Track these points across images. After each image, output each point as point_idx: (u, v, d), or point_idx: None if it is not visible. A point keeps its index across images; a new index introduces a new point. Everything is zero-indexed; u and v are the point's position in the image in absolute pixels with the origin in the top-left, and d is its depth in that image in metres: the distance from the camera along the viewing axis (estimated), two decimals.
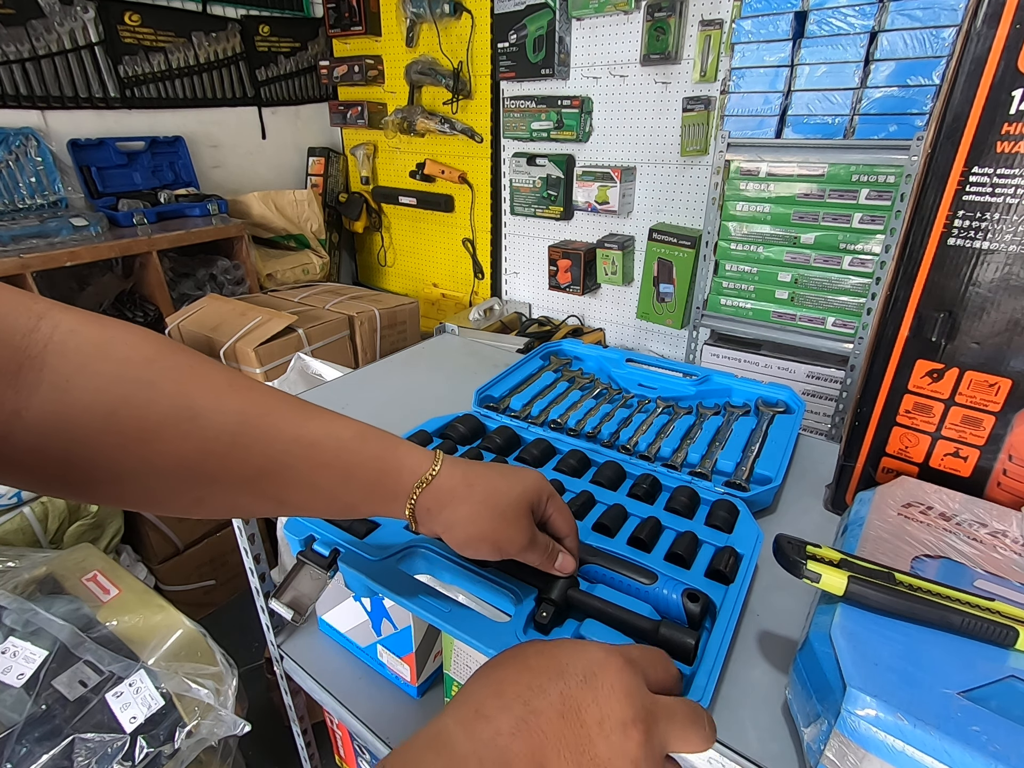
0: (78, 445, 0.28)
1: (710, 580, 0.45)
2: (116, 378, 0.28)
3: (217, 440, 0.30)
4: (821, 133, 1.25)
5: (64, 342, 0.27)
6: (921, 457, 0.51)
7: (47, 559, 1.06)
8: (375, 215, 2.58)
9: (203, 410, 0.30)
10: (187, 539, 1.66)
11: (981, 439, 0.48)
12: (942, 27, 1.08)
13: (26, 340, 0.27)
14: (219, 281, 1.99)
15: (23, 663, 0.83)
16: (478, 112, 2.10)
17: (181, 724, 0.83)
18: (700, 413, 0.71)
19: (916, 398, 0.49)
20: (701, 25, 1.55)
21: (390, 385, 0.85)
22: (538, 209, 2.02)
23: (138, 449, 0.29)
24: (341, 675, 0.80)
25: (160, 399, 0.29)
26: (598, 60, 1.79)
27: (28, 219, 1.65)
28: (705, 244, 1.49)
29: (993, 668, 0.32)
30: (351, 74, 2.32)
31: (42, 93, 1.77)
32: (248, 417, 0.31)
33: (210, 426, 0.30)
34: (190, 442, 0.30)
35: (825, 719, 0.32)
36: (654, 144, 1.78)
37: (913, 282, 0.46)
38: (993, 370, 0.45)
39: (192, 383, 0.30)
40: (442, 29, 2.05)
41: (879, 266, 1.28)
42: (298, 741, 1.04)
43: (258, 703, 1.37)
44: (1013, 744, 0.28)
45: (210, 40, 2.11)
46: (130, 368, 0.29)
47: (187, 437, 0.30)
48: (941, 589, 0.35)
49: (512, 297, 2.34)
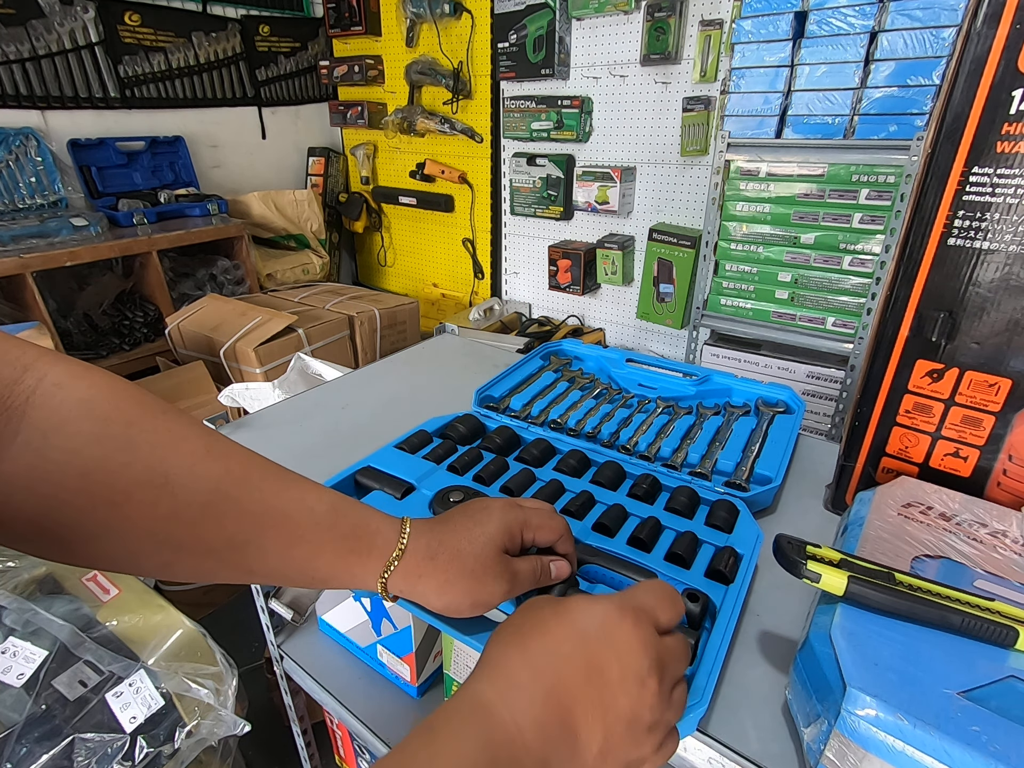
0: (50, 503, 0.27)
1: (710, 580, 0.45)
2: (94, 439, 0.28)
3: (188, 507, 0.30)
4: (821, 133, 1.25)
5: (48, 396, 0.27)
6: (921, 457, 0.51)
7: None
8: (375, 215, 2.58)
9: (176, 477, 0.30)
10: None
11: (981, 439, 0.48)
12: (942, 27, 1.08)
13: (8, 391, 0.26)
14: (219, 281, 1.99)
15: (23, 663, 0.83)
16: (478, 112, 2.10)
17: (181, 724, 0.83)
18: (700, 413, 0.71)
19: (916, 398, 0.49)
20: (701, 25, 1.55)
21: (390, 385, 0.85)
22: (538, 209, 2.02)
23: (107, 512, 0.28)
24: (341, 675, 0.80)
25: (135, 463, 0.29)
26: (598, 60, 1.79)
27: (28, 219, 1.65)
28: (705, 244, 1.49)
29: (993, 668, 0.32)
30: (351, 74, 2.32)
31: (42, 93, 1.78)
32: (221, 485, 0.31)
33: (182, 494, 0.30)
34: (159, 509, 0.29)
35: (825, 719, 0.32)
36: (654, 144, 1.78)
37: (913, 282, 0.46)
38: (993, 370, 0.45)
39: (169, 448, 0.30)
40: (442, 29, 2.05)
41: (879, 266, 1.28)
42: (298, 741, 1.04)
43: (258, 703, 1.37)
44: (1013, 744, 0.28)
45: (210, 40, 2.11)
46: (110, 428, 0.28)
47: (156, 504, 0.29)
48: (941, 589, 0.35)
49: (512, 297, 2.34)
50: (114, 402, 0.29)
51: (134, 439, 0.29)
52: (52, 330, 1.50)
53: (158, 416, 0.31)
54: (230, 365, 1.61)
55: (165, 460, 0.30)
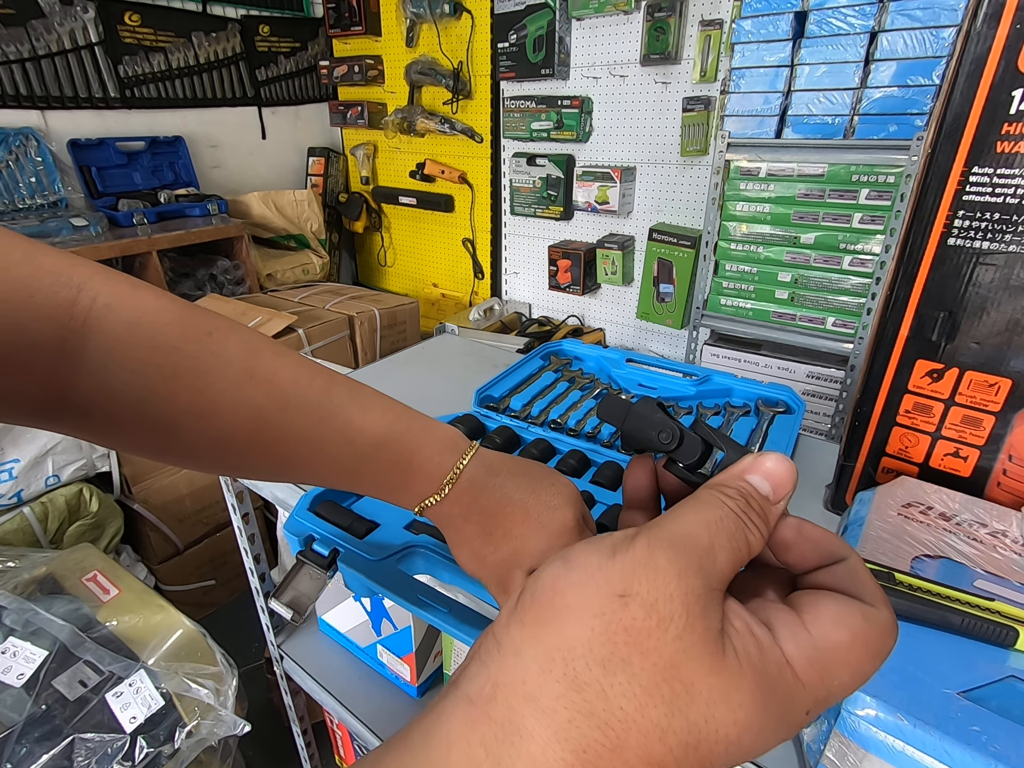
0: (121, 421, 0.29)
1: None
2: (141, 366, 0.28)
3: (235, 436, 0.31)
4: (821, 133, 1.25)
5: (100, 319, 0.28)
6: (921, 457, 0.51)
7: (47, 559, 1.06)
8: (375, 215, 2.58)
9: (222, 404, 0.30)
10: (187, 539, 1.66)
11: (981, 439, 0.48)
12: (942, 27, 1.08)
13: (68, 314, 0.27)
14: (219, 281, 1.99)
15: (23, 663, 0.83)
16: (478, 112, 2.10)
17: (181, 724, 0.83)
18: (700, 413, 0.71)
19: (916, 398, 0.49)
20: (701, 25, 1.55)
21: (390, 385, 0.85)
22: (538, 209, 2.02)
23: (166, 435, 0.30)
24: (341, 675, 0.80)
25: (180, 393, 0.29)
26: (598, 60, 1.79)
27: (28, 219, 1.65)
28: (705, 244, 1.49)
29: (993, 668, 0.32)
30: (351, 74, 2.32)
31: (42, 93, 1.77)
32: (264, 412, 0.31)
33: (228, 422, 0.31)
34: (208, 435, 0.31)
35: (825, 719, 0.32)
36: (654, 144, 1.78)
37: (913, 282, 0.46)
38: (993, 370, 0.45)
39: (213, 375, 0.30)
40: (442, 29, 2.05)
41: (879, 266, 1.28)
42: (298, 741, 1.04)
43: (258, 703, 1.37)
44: (1013, 744, 0.28)
45: (210, 40, 2.11)
46: (154, 356, 0.29)
47: (205, 431, 0.30)
48: (941, 589, 0.35)
49: (512, 297, 2.34)
50: (159, 327, 0.29)
51: (177, 368, 0.29)
52: None
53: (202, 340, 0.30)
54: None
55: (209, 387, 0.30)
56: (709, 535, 0.19)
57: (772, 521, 0.21)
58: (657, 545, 0.18)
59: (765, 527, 0.21)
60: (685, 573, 0.18)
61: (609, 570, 0.18)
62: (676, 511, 0.20)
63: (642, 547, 0.18)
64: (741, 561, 0.20)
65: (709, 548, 0.19)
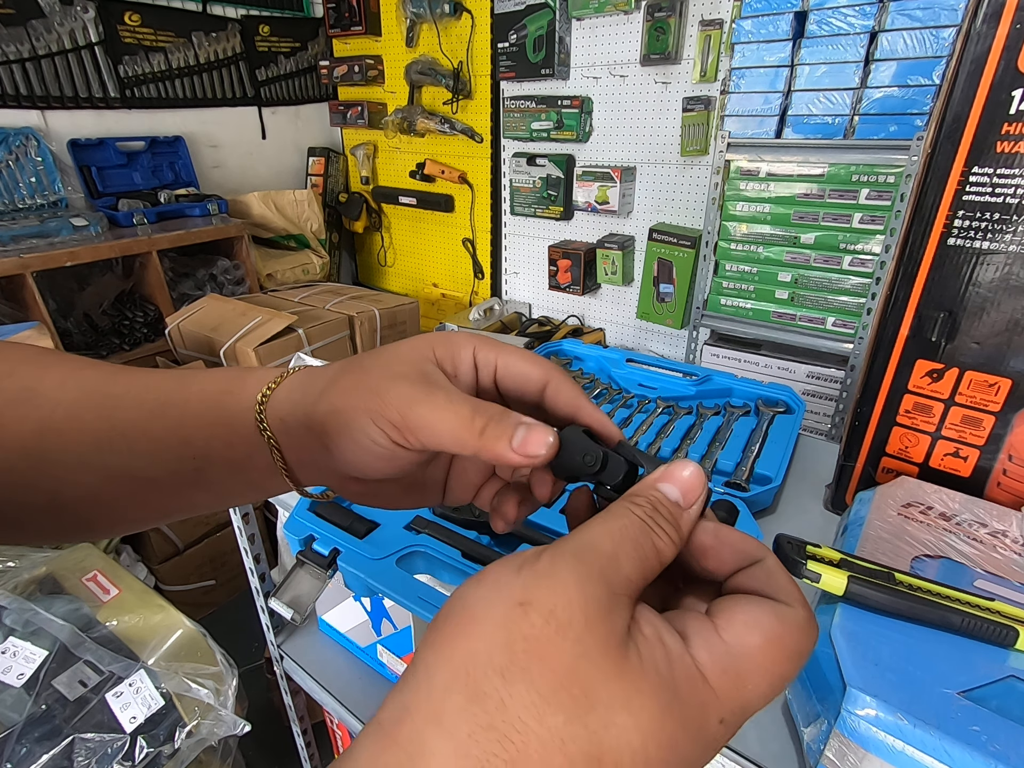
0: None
1: None
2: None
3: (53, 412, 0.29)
4: (821, 133, 1.25)
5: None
6: (921, 457, 0.51)
7: (47, 559, 1.06)
8: (375, 215, 2.58)
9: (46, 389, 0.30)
10: (187, 539, 1.66)
11: (981, 439, 0.48)
12: (942, 27, 1.08)
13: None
14: (219, 281, 1.99)
15: (23, 663, 0.83)
16: (478, 112, 2.10)
17: (181, 724, 0.83)
18: (700, 413, 0.71)
19: (916, 398, 0.49)
20: (701, 25, 1.55)
21: None
22: (538, 209, 2.02)
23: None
24: (341, 675, 0.80)
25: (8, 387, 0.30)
26: (598, 60, 1.79)
27: (28, 219, 1.65)
28: (705, 244, 1.49)
29: (993, 668, 0.32)
30: (351, 74, 2.32)
31: (42, 93, 1.77)
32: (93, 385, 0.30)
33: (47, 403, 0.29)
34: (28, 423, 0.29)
35: (825, 719, 0.32)
36: (654, 144, 1.78)
37: (913, 282, 0.46)
38: (993, 370, 0.45)
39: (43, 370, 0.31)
40: (442, 29, 2.05)
41: (879, 266, 1.28)
42: (298, 741, 1.04)
43: (258, 703, 1.37)
44: (1013, 744, 0.28)
45: (210, 40, 2.11)
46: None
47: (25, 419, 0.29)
48: (941, 589, 0.35)
49: (512, 297, 2.34)
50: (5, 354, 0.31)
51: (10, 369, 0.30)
52: (52, 330, 1.50)
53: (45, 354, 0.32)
54: (230, 365, 1.61)
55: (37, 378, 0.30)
56: (612, 543, 0.19)
57: (685, 527, 0.21)
58: (559, 556, 0.19)
59: (676, 532, 0.21)
60: (585, 580, 0.18)
61: (513, 583, 0.18)
62: (584, 525, 0.20)
63: (546, 560, 0.19)
64: (651, 567, 0.20)
65: (612, 555, 0.19)
